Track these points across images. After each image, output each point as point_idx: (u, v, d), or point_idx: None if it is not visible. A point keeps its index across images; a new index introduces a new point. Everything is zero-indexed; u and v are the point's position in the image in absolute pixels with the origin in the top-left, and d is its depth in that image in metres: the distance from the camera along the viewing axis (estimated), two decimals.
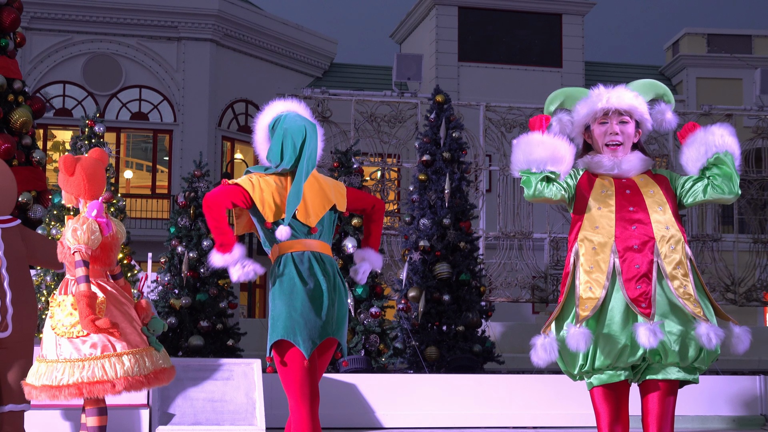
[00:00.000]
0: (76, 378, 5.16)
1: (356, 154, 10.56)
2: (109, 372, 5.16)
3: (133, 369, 5.19)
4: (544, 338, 4.12)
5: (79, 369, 5.17)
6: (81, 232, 5.26)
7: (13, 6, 9.37)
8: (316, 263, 4.21)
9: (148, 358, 5.30)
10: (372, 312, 9.87)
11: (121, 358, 5.20)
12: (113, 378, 5.16)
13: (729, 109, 16.81)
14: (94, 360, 5.19)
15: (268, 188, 4.22)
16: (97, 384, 5.14)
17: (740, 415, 9.24)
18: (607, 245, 4.04)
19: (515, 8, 25.89)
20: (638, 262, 4.00)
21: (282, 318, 4.11)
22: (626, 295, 3.97)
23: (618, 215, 4.08)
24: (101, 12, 23.73)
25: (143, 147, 25.12)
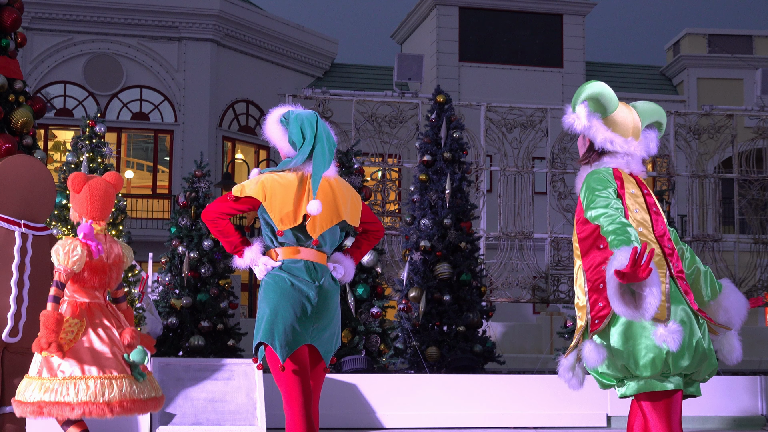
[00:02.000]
0: (38, 397, 5.19)
1: (357, 154, 10.56)
2: (71, 394, 5.17)
3: (96, 395, 5.17)
4: (592, 344, 4.06)
5: (43, 389, 5.21)
6: (62, 254, 5.29)
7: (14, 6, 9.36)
8: (306, 272, 4.25)
9: (118, 386, 5.26)
10: (373, 312, 9.87)
11: (86, 382, 5.19)
12: (73, 401, 5.16)
13: (730, 110, 16.80)
14: (60, 381, 5.21)
15: (282, 192, 4.24)
16: (56, 405, 5.16)
17: (740, 416, 9.25)
18: (656, 243, 4.22)
19: (516, 8, 25.89)
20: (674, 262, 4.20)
21: (263, 321, 4.19)
22: (692, 307, 4.06)
23: (652, 217, 4.27)
24: (102, 12, 23.74)
25: (144, 147, 25.13)
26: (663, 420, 3.93)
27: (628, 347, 3.93)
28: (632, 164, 4.23)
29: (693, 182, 16.43)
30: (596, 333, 3.97)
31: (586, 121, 4.22)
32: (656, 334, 3.87)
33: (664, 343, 3.84)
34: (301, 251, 4.27)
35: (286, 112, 4.44)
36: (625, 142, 4.21)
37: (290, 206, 4.24)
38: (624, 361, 3.94)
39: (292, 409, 4.13)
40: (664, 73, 27.92)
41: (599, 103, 4.23)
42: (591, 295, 4.03)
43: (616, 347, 3.94)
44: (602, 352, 3.92)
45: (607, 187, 4.05)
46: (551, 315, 16.36)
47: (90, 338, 5.31)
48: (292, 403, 4.13)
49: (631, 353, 3.93)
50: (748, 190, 16.41)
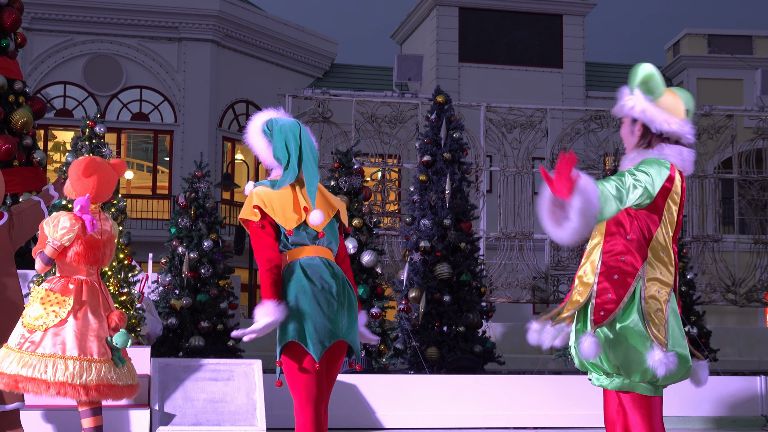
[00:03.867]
0: (16, 371, 5.16)
1: (357, 154, 10.56)
2: (49, 372, 5.14)
3: (74, 376, 5.15)
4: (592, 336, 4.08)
5: (21, 363, 5.18)
6: (51, 226, 5.30)
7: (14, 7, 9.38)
8: (325, 267, 4.24)
9: (97, 370, 5.24)
10: (373, 312, 9.87)
11: (66, 362, 5.17)
12: (50, 379, 5.13)
13: (729, 110, 16.80)
14: (39, 357, 5.18)
15: (277, 197, 4.26)
16: (31, 381, 5.14)
17: (740, 416, 9.25)
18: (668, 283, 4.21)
19: (516, 9, 25.90)
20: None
21: (292, 321, 4.12)
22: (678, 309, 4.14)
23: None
24: (102, 13, 23.74)
25: (144, 147, 25.14)
26: (644, 418, 3.94)
27: (625, 352, 3.93)
28: (687, 159, 4.11)
29: (693, 182, 16.44)
30: (599, 327, 3.95)
31: (644, 104, 4.10)
32: (651, 356, 3.88)
33: (653, 366, 3.86)
34: (314, 249, 4.27)
35: (268, 121, 4.40)
36: (682, 123, 4.11)
37: (290, 206, 4.25)
38: (617, 362, 3.94)
39: (306, 411, 4.09)
40: (663, 73, 27.92)
41: (649, 86, 4.11)
42: (601, 280, 3.99)
43: (613, 346, 3.94)
44: (600, 348, 3.93)
45: (654, 179, 3.96)
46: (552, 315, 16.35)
47: (76, 318, 5.29)
48: (306, 405, 4.09)
49: (625, 359, 3.93)
50: (747, 190, 16.41)
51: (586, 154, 16.53)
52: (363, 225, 10.12)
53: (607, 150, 15.64)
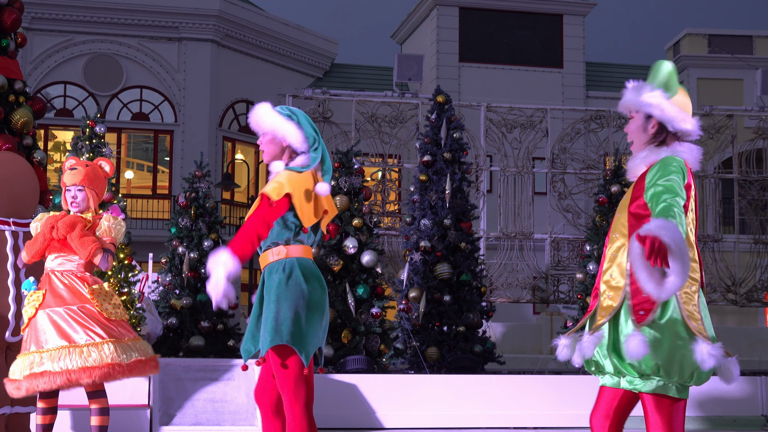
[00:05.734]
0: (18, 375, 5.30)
1: (357, 154, 10.57)
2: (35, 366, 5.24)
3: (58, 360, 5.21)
4: (589, 335, 4.07)
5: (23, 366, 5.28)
6: (115, 228, 5.48)
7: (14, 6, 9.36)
8: (317, 271, 4.25)
9: (78, 354, 5.27)
10: (373, 312, 9.87)
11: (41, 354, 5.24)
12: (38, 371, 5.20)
13: (730, 110, 16.80)
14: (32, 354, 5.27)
15: (307, 195, 4.22)
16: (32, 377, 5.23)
17: (740, 416, 9.25)
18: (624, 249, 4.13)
19: (516, 9, 25.89)
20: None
21: (287, 323, 4.09)
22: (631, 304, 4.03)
23: (609, 234, 4.22)
24: (102, 12, 23.74)
25: (144, 147, 25.13)
26: (667, 422, 3.92)
27: (669, 350, 3.88)
28: (697, 157, 4.07)
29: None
30: (643, 325, 3.91)
31: (664, 102, 4.05)
32: (698, 349, 3.84)
33: (701, 360, 3.83)
34: (309, 249, 4.27)
35: (286, 109, 4.41)
36: (696, 122, 4.07)
37: (312, 204, 4.24)
38: (659, 361, 3.89)
39: (294, 407, 4.08)
40: None
41: (669, 85, 4.07)
42: (633, 281, 3.91)
43: (655, 346, 3.87)
44: (648, 347, 3.88)
45: (684, 179, 3.91)
46: (551, 315, 16.36)
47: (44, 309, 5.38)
48: (294, 401, 4.08)
49: (669, 357, 3.88)
50: (748, 190, 16.40)
51: (587, 154, 16.53)
52: (363, 225, 10.12)
53: (608, 150, 15.64)
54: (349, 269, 9.99)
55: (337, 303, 9.80)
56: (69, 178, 5.45)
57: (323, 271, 9.92)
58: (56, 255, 5.41)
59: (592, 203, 12.70)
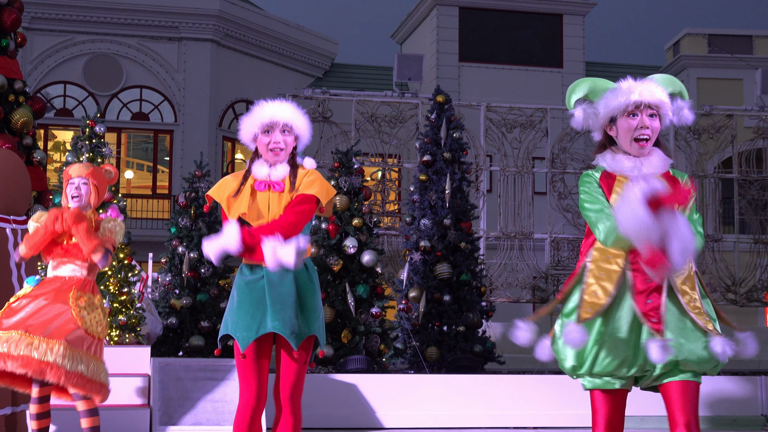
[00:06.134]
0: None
1: (357, 154, 10.56)
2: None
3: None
4: (527, 323, 4.11)
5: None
6: (116, 231, 5.46)
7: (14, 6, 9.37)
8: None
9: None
10: (373, 312, 9.87)
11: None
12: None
13: (730, 110, 16.80)
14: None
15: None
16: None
17: (740, 416, 9.25)
18: (621, 256, 3.98)
19: (516, 8, 25.89)
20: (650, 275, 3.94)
21: (322, 317, 4.24)
22: (637, 308, 3.93)
23: None
24: (102, 12, 23.74)
25: (144, 147, 25.12)
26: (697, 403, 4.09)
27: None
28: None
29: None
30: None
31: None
32: (565, 329, 4.00)
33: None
34: None
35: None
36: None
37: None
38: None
39: (240, 397, 4.29)
40: (664, 73, 27.91)
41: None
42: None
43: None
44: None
45: None
46: (551, 315, 16.35)
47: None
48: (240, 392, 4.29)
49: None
50: (747, 190, 16.40)
51: (587, 154, 16.53)
52: (363, 225, 10.12)
53: None
54: (349, 269, 9.99)
55: (336, 303, 9.80)
56: (75, 170, 5.43)
57: (323, 271, 9.92)
58: (58, 261, 5.40)
59: None
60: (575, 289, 4.10)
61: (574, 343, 3.93)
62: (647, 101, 4.08)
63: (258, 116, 4.28)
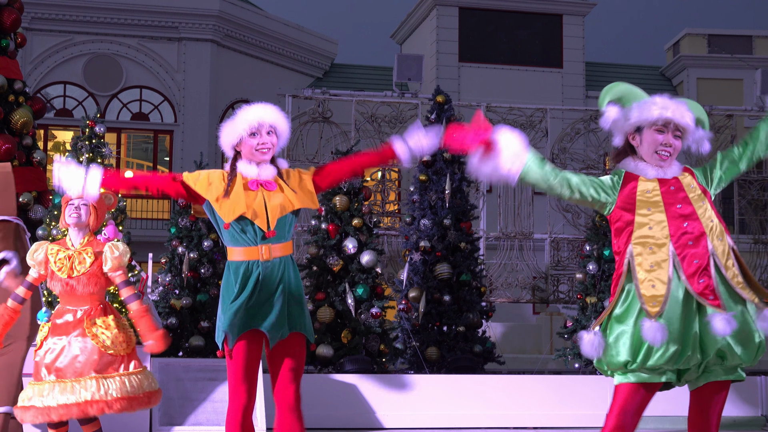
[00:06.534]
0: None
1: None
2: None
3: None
4: (593, 334, 4.13)
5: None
6: (125, 258, 5.63)
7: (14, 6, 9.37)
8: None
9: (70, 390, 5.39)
10: (372, 312, 9.87)
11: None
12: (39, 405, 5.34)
13: (730, 110, 16.80)
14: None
15: None
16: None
17: (740, 416, 9.25)
18: (664, 245, 4.09)
19: (516, 9, 25.89)
20: (696, 256, 4.06)
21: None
22: (691, 290, 4.01)
23: (668, 214, 4.14)
24: (102, 12, 23.73)
25: (144, 147, 25.12)
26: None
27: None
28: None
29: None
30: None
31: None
32: (644, 327, 4.02)
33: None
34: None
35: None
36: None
37: None
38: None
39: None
40: (663, 73, 27.91)
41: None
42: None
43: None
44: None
45: None
46: (551, 315, 16.36)
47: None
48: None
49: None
50: (747, 190, 16.41)
51: (586, 154, 16.52)
52: (363, 225, 10.12)
53: (607, 150, 15.64)
54: (349, 269, 9.99)
55: (336, 303, 9.80)
56: (75, 192, 5.49)
57: (323, 271, 9.92)
58: (67, 302, 5.44)
59: None
60: (626, 289, 4.13)
61: (656, 339, 3.96)
62: (677, 121, 4.25)
63: (245, 119, 4.37)
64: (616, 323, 4.11)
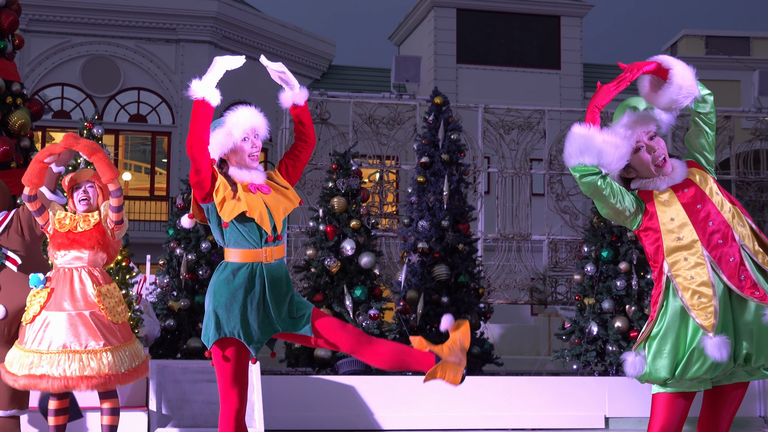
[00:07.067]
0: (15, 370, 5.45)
1: (355, 156, 10.56)
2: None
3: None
4: (635, 356, 4.10)
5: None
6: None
7: (12, 8, 9.37)
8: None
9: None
10: (370, 314, 9.87)
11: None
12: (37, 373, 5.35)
13: (727, 111, 16.81)
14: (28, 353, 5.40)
15: None
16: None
17: (739, 417, 9.24)
18: (696, 251, 4.05)
19: (513, 10, 25.90)
20: (730, 254, 4.03)
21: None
22: (736, 289, 3.97)
23: (691, 218, 4.09)
24: (99, 14, 23.73)
25: (141, 149, 25.12)
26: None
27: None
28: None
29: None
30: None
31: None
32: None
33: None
34: None
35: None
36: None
37: None
38: None
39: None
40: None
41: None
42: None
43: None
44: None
45: None
46: (549, 317, 16.36)
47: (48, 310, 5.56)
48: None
49: None
50: (745, 191, 16.41)
51: None
52: (361, 226, 10.11)
53: None
54: (347, 271, 9.98)
55: (334, 304, 9.80)
56: (80, 175, 5.59)
57: (321, 273, 9.92)
58: (65, 251, 5.45)
59: (589, 204, 12.71)
60: (665, 305, 4.10)
61: (723, 356, 3.92)
62: (643, 131, 4.25)
63: (240, 125, 4.32)
64: (655, 341, 4.07)
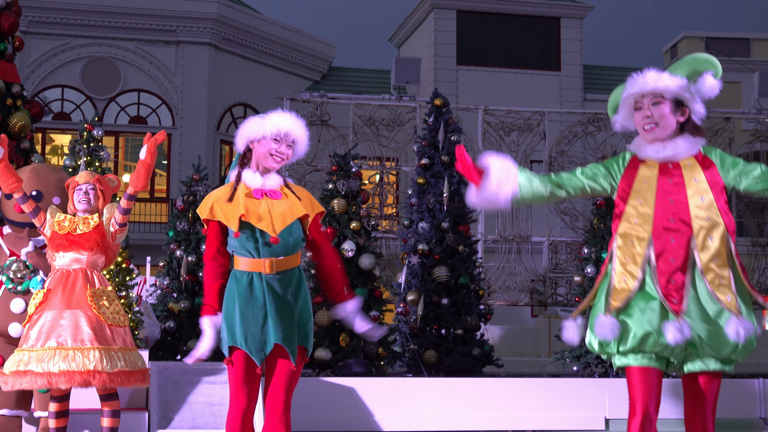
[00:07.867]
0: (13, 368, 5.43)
1: (355, 157, 10.56)
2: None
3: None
4: (573, 322, 4.15)
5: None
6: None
7: (12, 10, 9.36)
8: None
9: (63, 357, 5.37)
10: (371, 315, 9.87)
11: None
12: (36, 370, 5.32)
13: (727, 112, 16.82)
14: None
15: None
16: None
17: (739, 418, 9.25)
18: (644, 239, 4.03)
19: (513, 12, 25.91)
20: (673, 255, 3.98)
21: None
22: (658, 288, 3.96)
23: (657, 210, 4.03)
24: (100, 16, 23.74)
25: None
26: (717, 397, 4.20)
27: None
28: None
29: None
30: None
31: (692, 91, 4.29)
32: (597, 323, 4.03)
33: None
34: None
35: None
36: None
37: None
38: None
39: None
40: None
41: (692, 76, 4.38)
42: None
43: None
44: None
45: None
46: (549, 318, 16.35)
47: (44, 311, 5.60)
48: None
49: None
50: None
51: (584, 157, 16.53)
52: (361, 228, 10.12)
53: (605, 152, 15.65)
54: (347, 272, 9.99)
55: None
56: (82, 177, 5.62)
57: None
58: (64, 252, 5.47)
59: (589, 206, 12.71)
60: (606, 277, 4.14)
61: (606, 335, 3.95)
62: (646, 90, 4.15)
63: (275, 123, 4.28)
64: (593, 312, 4.13)
